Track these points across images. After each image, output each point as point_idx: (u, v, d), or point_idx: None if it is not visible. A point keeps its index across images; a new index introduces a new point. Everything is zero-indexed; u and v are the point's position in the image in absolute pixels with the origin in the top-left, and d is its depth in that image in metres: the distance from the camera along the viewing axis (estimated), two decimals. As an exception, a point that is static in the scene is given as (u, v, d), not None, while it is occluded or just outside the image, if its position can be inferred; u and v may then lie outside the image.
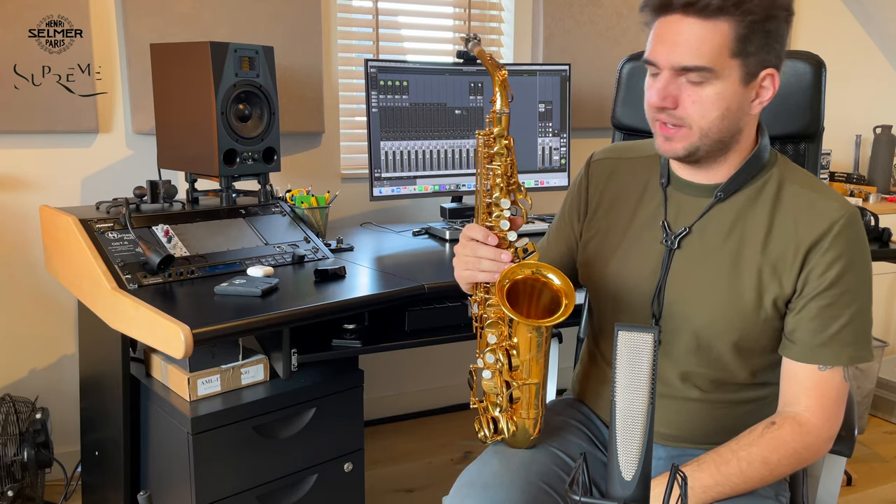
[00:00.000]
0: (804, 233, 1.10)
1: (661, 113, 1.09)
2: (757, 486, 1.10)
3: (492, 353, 1.13)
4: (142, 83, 2.11)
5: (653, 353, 0.81)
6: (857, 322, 1.11)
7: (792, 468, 1.12)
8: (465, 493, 1.13)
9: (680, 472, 0.84)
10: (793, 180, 1.15)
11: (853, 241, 1.10)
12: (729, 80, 1.05)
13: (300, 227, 1.90)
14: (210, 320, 1.36)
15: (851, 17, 3.30)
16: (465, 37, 1.19)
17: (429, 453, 2.50)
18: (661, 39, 1.06)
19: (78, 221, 1.62)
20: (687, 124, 1.08)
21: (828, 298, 1.10)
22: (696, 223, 1.17)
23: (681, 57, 1.03)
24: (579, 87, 2.59)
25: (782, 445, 1.09)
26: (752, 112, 1.10)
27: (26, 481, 1.91)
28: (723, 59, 1.03)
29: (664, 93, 1.06)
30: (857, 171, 3.32)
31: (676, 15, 1.03)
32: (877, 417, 2.87)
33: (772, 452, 1.09)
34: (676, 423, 1.21)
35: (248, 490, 1.54)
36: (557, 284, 1.11)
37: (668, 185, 1.21)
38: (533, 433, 1.17)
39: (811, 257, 1.10)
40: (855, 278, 1.10)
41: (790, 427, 1.10)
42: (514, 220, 1.16)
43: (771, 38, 1.05)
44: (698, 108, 1.06)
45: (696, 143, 1.09)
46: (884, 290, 3.44)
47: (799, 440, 1.10)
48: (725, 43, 1.02)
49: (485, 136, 1.16)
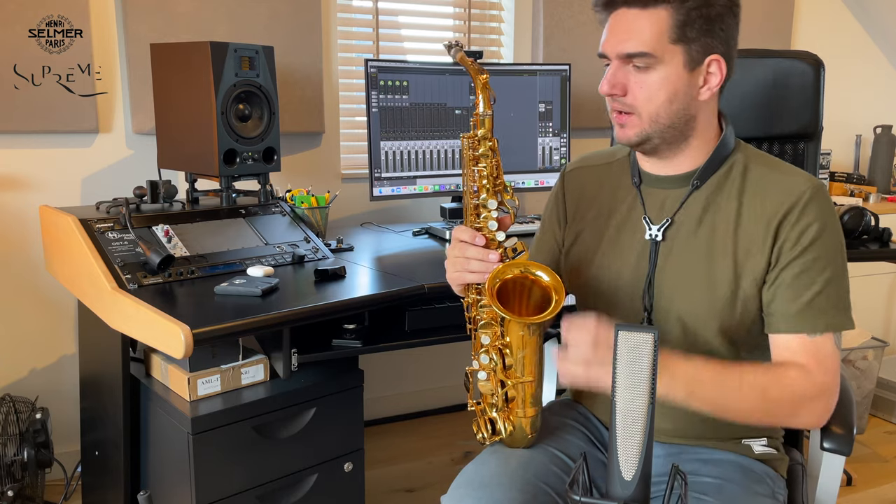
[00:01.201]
0: (773, 209, 1.13)
1: (613, 101, 1.15)
2: (745, 415, 1.10)
3: (486, 354, 1.15)
4: (142, 83, 2.11)
5: (653, 353, 0.81)
6: (833, 288, 1.11)
7: (785, 412, 1.11)
8: (462, 493, 1.13)
9: (680, 472, 0.84)
10: (757, 163, 1.18)
11: (822, 210, 1.12)
12: (671, 64, 1.10)
13: (300, 227, 1.90)
14: (210, 320, 1.36)
15: (851, 16, 3.30)
16: (447, 44, 1.22)
17: (429, 453, 2.50)
18: (610, 32, 1.13)
19: (78, 221, 1.62)
20: (637, 111, 1.13)
21: (801, 266, 1.11)
22: (676, 213, 1.19)
23: (624, 45, 1.10)
24: (579, 87, 2.59)
25: (785, 383, 1.08)
26: (700, 98, 1.13)
27: (26, 481, 1.91)
28: (663, 45, 1.09)
29: (613, 80, 1.12)
30: (857, 171, 3.32)
31: (621, 9, 1.11)
32: (877, 417, 2.87)
33: (773, 385, 1.08)
34: (674, 416, 1.21)
35: (248, 490, 1.54)
36: (547, 281, 1.12)
37: (641, 183, 1.24)
38: (530, 432, 1.18)
39: (782, 230, 1.12)
40: (826, 245, 1.11)
41: (796, 370, 1.10)
42: (503, 221, 1.18)
43: (713, 24, 1.09)
44: (644, 92, 1.11)
45: (646, 128, 1.14)
46: (884, 290, 3.44)
47: (800, 383, 1.09)
48: (664, 29, 1.08)
49: (469, 139, 1.19)
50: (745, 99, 1.47)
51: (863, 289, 3.36)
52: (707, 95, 1.13)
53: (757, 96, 1.44)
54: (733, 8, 1.11)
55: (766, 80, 1.45)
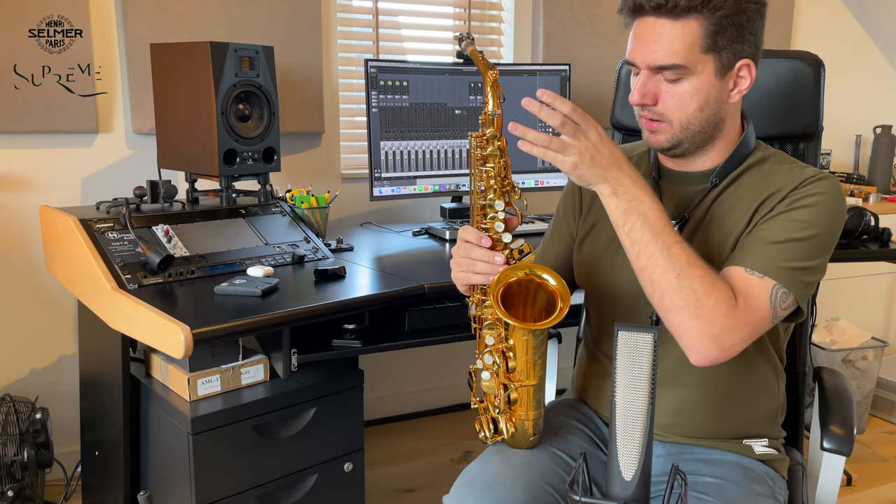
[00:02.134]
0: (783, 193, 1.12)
1: (643, 109, 1.15)
2: (650, 274, 1.04)
3: (490, 355, 1.14)
4: (142, 83, 2.11)
5: (653, 353, 0.81)
6: (801, 249, 1.07)
7: (682, 305, 1.02)
8: (465, 493, 1.13)
9: (680, 472, 0.84)
10: (775, 161, 1.19)
11: (828, 189, 1.10)
12: (703, 74, 1.09)
13: (300, 227, 1.90)
14: (210, 320, 1.36)
15: (851, 16, 3.30)
16: (458, 35, 1.20)
17: (429, 453, 2.50)
18: (637, 40, 1.11)
19: (78, 221, 1.62)
20: (667, 119, 1.13)
21: (780, 219, 1.09)
22: (693, 210, 1.19)
23: (655, 57, 1.08)
24: (579, 87, 2.59)
25: (710, 283, 1.02)
26: (730, 101, 1.14)
27: (26, 481, 1.91)
28: (695, 56, 1.07)
29: (643, 90, 1.12)
30: (857, 171, 3.32)
31: (649, 17, 1.08)
32: (877, 417, 2.87)
33: (699, 274, 1.02)
34: (674, 411, 1.21)
35: (248, 490, 1.54)
36: (553, 286, 1.11)
37: (661, 178, 1.24)
38: (532, 434, 1.17)
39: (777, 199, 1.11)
40: (818, 214, 1.09)
41: (727, 290, 1.04)
42: (510, 222, 1.16)
43: (743, 30, 1.08)
44: (676, 102, 1.11)
45: (678, 135, 1.14)
46: (884, 290, 3.44)
47: (718, 295, 1.02)
48: (696, 40, 1.07)
49: (477, 138, 1.16)
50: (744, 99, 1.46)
51: (863, 289, 3.37)
52: (737, 98, 1.14)
53: (757, 96, 1.44)
54: (761, 10, 1.11)
55: (766, 80, 1.45)
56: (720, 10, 1.06)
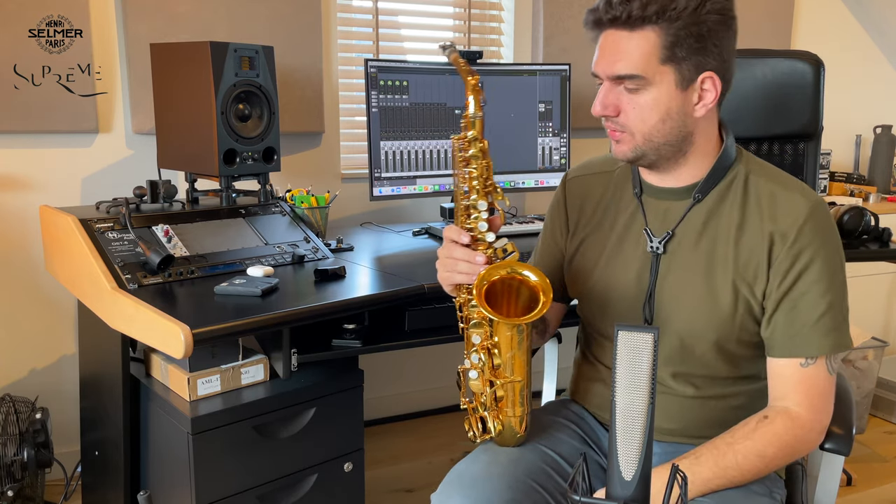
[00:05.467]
0: (770, 226, 1.12)
1: (607, 120, 1.16)
2: (753, 478, 1.12)
3: (476, 354, 1.15)
4: (142, 83, 2.11)
5: (653, 353, 0.81)
6: (831, 312, 1.12)
7: (786, 460, 1.13)
8: (451, 490, 1.14)
9: (680, 472, 0.84)
10: (758, 174, 1.18)
11: (819, 231, 1.11)
12: (663, 85, 1.09)
13: (300, 227, 1.90)
14: (210, 320, 1.36)
15: (851, 16, 3.30)
16: (441, 45, 1.22)
17: (429, 453, 2.50)
18: (600, 52, 1.13)
19: (78, 221, 1.62)
20: (629, 130, 1.13)
21: (799, 291, 1.11)
22: (677, 226, 1.19)
23: (614, 67, 1.10)
24: (579, 87, 2.59)
25: (776, 439, 1.10)
26: (695, 115, 1.12)
27: (26, 481, 1.91)
28: (653, 66, 1.08)
29: (605, 101, 1.13)
30: (857, 171, 3.32)
31: (609, 29, 1.10)
32: (877, 417, 2.87)
33: (766, 446, 1.10)
34: (674, 417, 1.22)
35: (248, 490, 1.54)
36: (534, 281, 1.13)
37: (642, 193, 1.24)
38: (519, 431, 1.18)
39: (778, 251, 1.11)
40: (824, 268, 1.11)
41: (782, 421, 1.11)
42: (493, 221, 1.18)
43: (705, 41, 1.07)
44: (637, 113, 1.11)
45: (641, 146, 1.14)
46: (884, 290, 3.44)
47: (791, 434, 1.11)
48: (653, 51, 1.07)
49: (459, 140, 1.19)
50: (745, 99, 1.47)
51: (863, 289, 3.37)
52: (703, 112, 1.12)
53: (757, 96, 1.44)
54: (727, 21, 1.09)
55: (766, 80, 1.45)
56: (677, 21, 1.05)
